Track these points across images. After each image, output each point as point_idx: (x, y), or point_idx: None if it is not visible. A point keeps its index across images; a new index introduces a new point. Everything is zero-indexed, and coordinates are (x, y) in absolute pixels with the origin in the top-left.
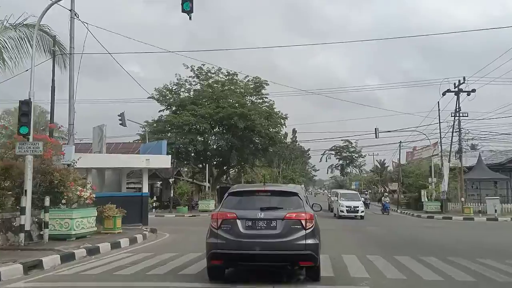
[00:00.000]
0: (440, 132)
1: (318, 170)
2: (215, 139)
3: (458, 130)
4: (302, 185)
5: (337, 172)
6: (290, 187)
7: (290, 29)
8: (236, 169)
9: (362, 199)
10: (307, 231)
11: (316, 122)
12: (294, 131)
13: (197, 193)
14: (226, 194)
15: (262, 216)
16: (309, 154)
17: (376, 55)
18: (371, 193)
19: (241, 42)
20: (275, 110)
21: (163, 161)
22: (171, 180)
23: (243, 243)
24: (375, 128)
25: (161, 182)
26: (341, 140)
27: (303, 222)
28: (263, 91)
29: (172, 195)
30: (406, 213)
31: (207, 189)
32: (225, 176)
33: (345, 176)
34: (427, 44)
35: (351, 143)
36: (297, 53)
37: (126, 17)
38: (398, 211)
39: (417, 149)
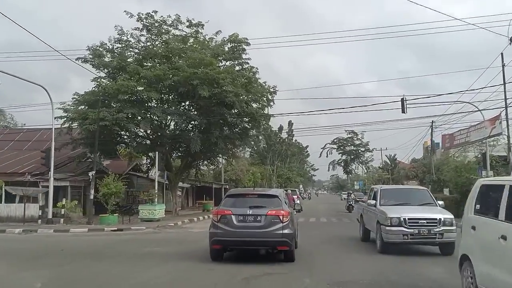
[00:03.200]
0: (505, 98)
1: (318, 169)
2: (166, 115)
3: None
4: (300, 186)
5: (339, 170)
6: (272, 191)
7: (287, 28)
8: (207, 162)
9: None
10: (284, 223)
11: (317, 127)
12: (290, 124)
13: (161, 195)
14: (225, 196)
15: (250, 212)
16: (307, 151)
17: (372, 54)
18: None
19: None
20: (259, 80)
21: None
22: (90, 174)
23: (236, 232)
24: (402, 99)
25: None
26: (345, 131)
27: (281, 217)
28: (243, 55)
29: (92, 197)
30: None
31: (156, 188)
32: (195, 171)
33: (349, 174)
34: (422, 43)
35: (357, 134)
36: (293, 52)
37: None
38: None
39: (452, 131)
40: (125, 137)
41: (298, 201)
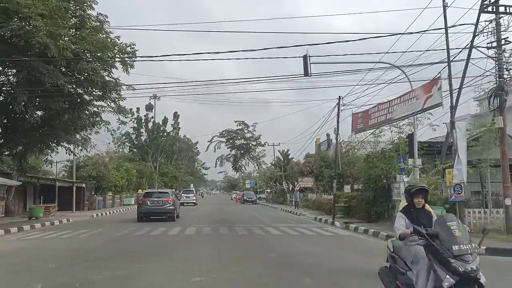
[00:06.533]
0: (448, 50)
1: (209, 168)
2: None
3: (496, 45)
4: (191, 185)
5: (228, 166)
6: (166, 190)
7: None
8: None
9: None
10: (170, 204)
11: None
12: (176, 115)
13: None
14: (143, 193)
15: (156, 200)
16: (197, 148)
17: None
18: (271, 192)
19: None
20: (111, 36)
21: None
22: None
23: (149, 208)
24: (305, 55)
25: None
26: (235, 121)
27: (169, 201)
28: (91, 11)
29: None
30: (366, 231)
31: None
32: (18, 163)
33: (239, 171)
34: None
35: (248, 126)
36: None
37: None
38: (337, 224)
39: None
40: None
41: (194, 198)
